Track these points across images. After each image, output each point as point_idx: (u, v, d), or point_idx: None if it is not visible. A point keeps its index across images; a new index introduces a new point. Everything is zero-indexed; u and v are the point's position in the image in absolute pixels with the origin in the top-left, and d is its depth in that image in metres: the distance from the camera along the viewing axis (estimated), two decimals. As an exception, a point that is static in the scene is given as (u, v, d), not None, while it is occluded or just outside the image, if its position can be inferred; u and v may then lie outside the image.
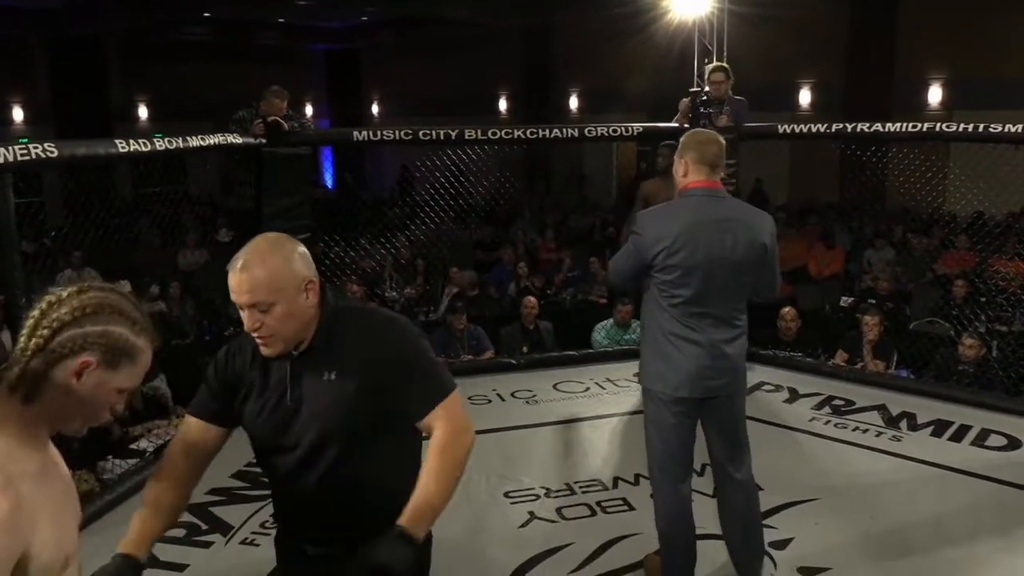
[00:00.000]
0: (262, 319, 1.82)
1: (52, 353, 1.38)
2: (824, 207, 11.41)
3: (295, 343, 1.88)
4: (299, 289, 1.84)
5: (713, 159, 3.08)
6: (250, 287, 1.80)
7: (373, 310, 2.06)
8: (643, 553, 3.48)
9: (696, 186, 3.09)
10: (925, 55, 11.65)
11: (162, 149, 4.40)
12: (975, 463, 4.50)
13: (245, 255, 1.83)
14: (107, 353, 1.41)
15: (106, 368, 1.42)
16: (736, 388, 3.16)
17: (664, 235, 3.03)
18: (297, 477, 1.92)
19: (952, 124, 5.60)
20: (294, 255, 1.86)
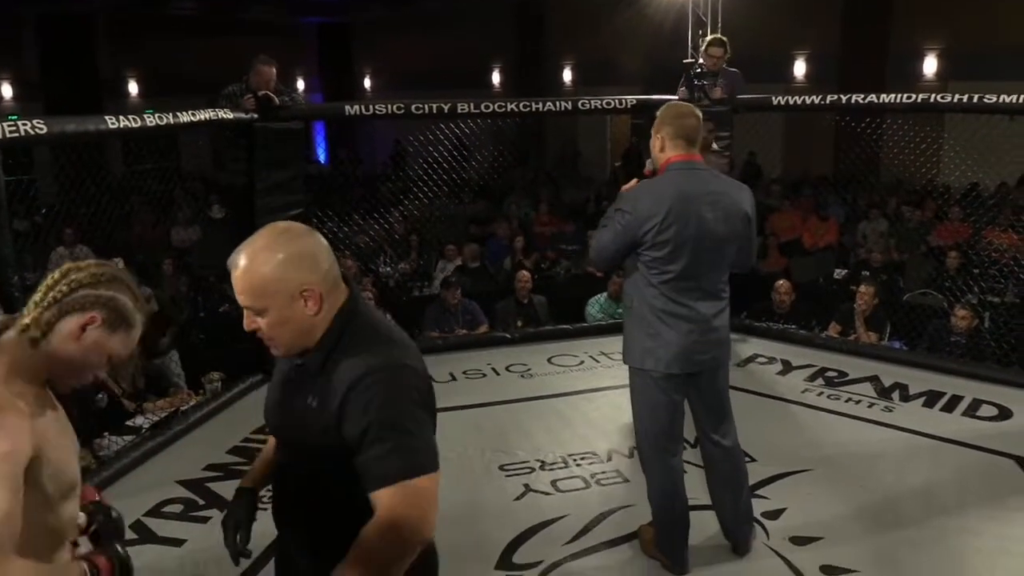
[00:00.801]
0: (257, 322, 1.69)
1: (65, 305, 1.59)
2: (818, 179, 11.39)
3: (299, 349, 1.72)
4: (292, 297, 1.65)
5: (690, 133, 3.08)
6: (241, 288, 1.67)
7: (387, 348, 1.70)
8: (637, 524, 3.51)
9: (677, 160, 3.08)
10: (920, 26, 11.57)
11: (152, 125, 4.37)
12: (967, 433, 4.53)
13: (244, 251, 1.67)
14: (111, 315, 1.62)
15: (107, 329, 1.62)
16: (722, 359, 3.20)
17: (655, 211, 3.02)
18: (281, 475, 1.88)
19: (947, 95, 5.59)
20: (294, 256, 1.65)
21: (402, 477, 1.60)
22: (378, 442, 1.61)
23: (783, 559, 3.34)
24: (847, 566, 3.28)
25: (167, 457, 4.41)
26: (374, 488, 1.61)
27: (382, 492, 1.61)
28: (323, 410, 1.67)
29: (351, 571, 1.59)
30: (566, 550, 3.43)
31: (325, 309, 1.69)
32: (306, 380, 1.73)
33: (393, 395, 1.64)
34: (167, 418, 4.77)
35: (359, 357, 1.66)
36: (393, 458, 1.61)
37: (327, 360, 1.69)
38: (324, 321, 1.69)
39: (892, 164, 8.04)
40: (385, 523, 1.59)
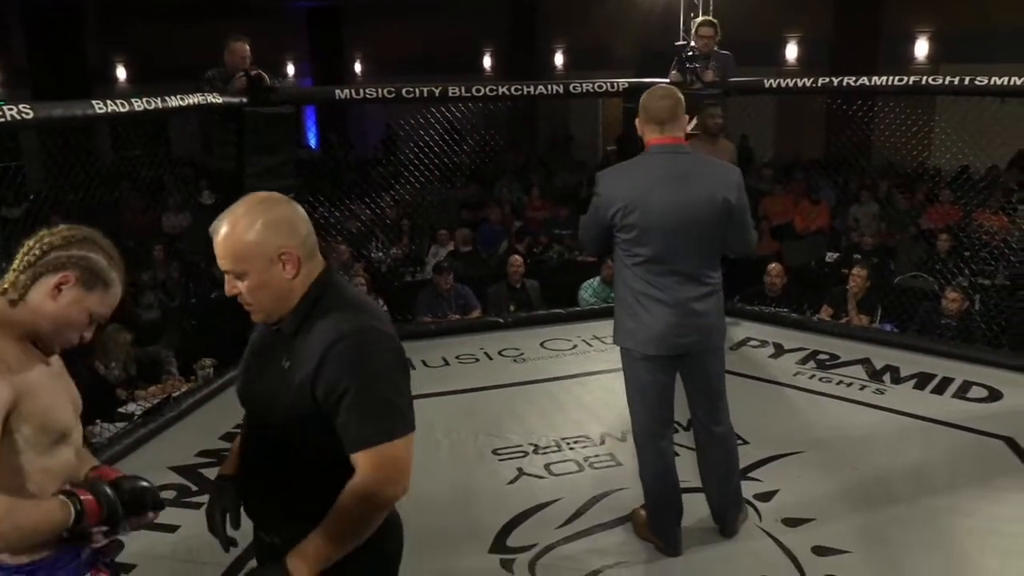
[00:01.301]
0: (239, 286, 1.74)
1: (39, 267, 1.66)
2: (809, 163, 11.39)
3: (278, 314, 1.77)
4: (271, 260, 1.71)
5: (661, 114, 3.06)
6: (223, 253, 1.73)
7: (359, 309, 1.76)
8: (630, 507, 3.53)
9: (654, 143, 3.09)
10: (912, 9, 11.55)
11: (141, 110, 4.33)
12: (957, 415, 4.56)
13: (224, 218, 1.74)
14: (85, 273, 1.68)
15: (82, 287, 1.68)
16: (709, 345, 3.16)
17: (619, 195, 3.04)
18: (249, 442, 1.89)
19: (938, 78, 5.58)
20: (276, 220, 1.72)
21: (379, 441, 1.68)
22: (356, 405, 1.67)
23: (775, 540, 3.37)
24: (838, 547, 3.30)
25: (159, 443, 4.41)
26: (357, 448, 1.70)
27: (360, 455, 1.69)
28: (297, 371, 1.72)
29: (330, 527, 1.68)
30: (559, 533, 3.44)
31: (303, 274, 1.75)
32: (280, 344, 1.79)
33: (368, 358, 1.70)
34: (159, 405, 4.76)
35: (334, 321, 1.72)
36: (371, 422, 1.68)
37: (302, 324, 1.75)
38: (301, 286, 1.76)
39: (884, 147, 8.03)
40: (363, 485, 1.68)
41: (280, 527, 1.84)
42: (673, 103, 3.08)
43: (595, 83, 6.24)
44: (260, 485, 1.86)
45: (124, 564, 3.30)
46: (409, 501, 1.81)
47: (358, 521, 1.71)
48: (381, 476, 1.69)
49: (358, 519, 1.71)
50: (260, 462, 1.85)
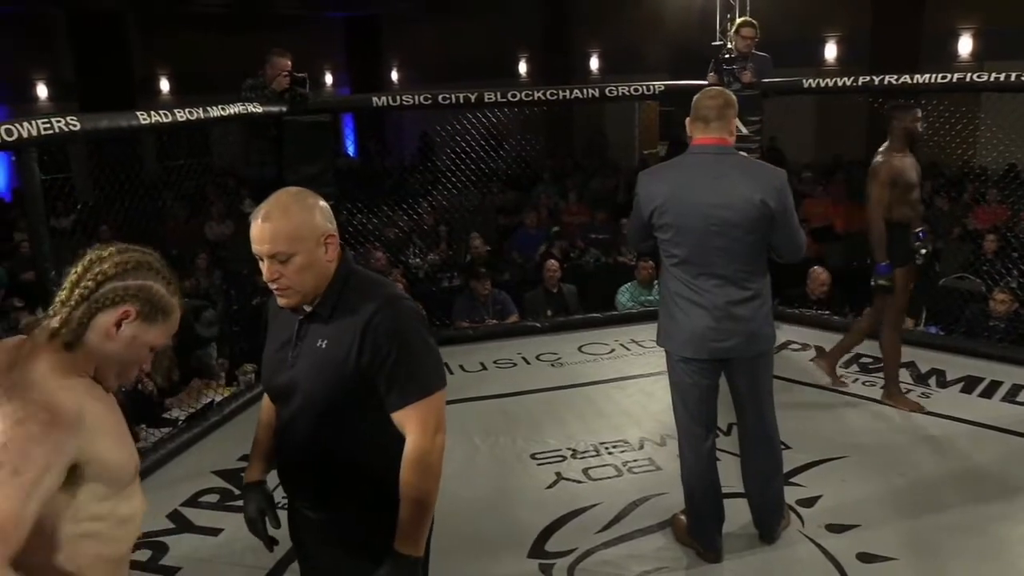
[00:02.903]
0: (281, 270, 1.83)
1: (95, 303, 1.49)
2: (851, 164, 11.23)
3: (311, 297, 1.89)
4: (318, 242, 1.85)
5: (705, 113, 3.04)
6: (271, 237, 1.82)
7: (384, 287, 1.94)
8: (670, 513, 3.50)
9: (697, 143, 3.07)
10: (954, 5, 11.36)
11: (183, 120, 4.42)
12: (1006, 419, 4.46)
13: (267, 206, 1.85)
14: (145, 306, 1.53)
15: (143, 321, 1.53)
16: (754, 350, 3.10)
17: (655, 194, 3.04)
18: (286, 434, 1.97)
19: (982, 74, 5.47)
20: (316, 208, 1.86)
21: (426, 394, 1.86)
22: (398, 368, 1.83)
23: (818, 546, 3.31)
24: (885, 553, 3.24)
25: (202, 448, 4.47)
26: (400, 405, 1.85)
27: (408, 410, 1.85)
28: (337, 348, 1.85)
29: (409, 495, 1.82)
30: (599, 538, 3.42)
31: (336, 259, 1.89)
32: (314, 327, 1.90)
33: (404, 325, 1.86)
34: (203, 410, 4.83)
35: (366, 297, 1.87)
36: (414, 379, 1.85)
37: (336, 305, 1.88)
38: (332, 271, 1.89)
39: (926, 146, 7.89)
40: (418, 444, 1.84)
41: (325, 503, 1.96)
42: (721, 103, 3.05)
43: (631, 86, 6.22)
44: (305, 467, 1.95)
45: (169, 567, 3.37)
46: (448, 505, 1.84)
47: (429, 479, 1.85)
48: (430, 429, 1.85)
49: (427, 478, 1.84)
50: (302, 445, 1.93)
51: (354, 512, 1.93)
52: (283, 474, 2.03)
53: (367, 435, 1.89)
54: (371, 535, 1.88)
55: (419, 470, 1.84)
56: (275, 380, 1.99)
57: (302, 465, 1.96)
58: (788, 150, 11.15)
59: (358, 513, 1.92)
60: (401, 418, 1.86)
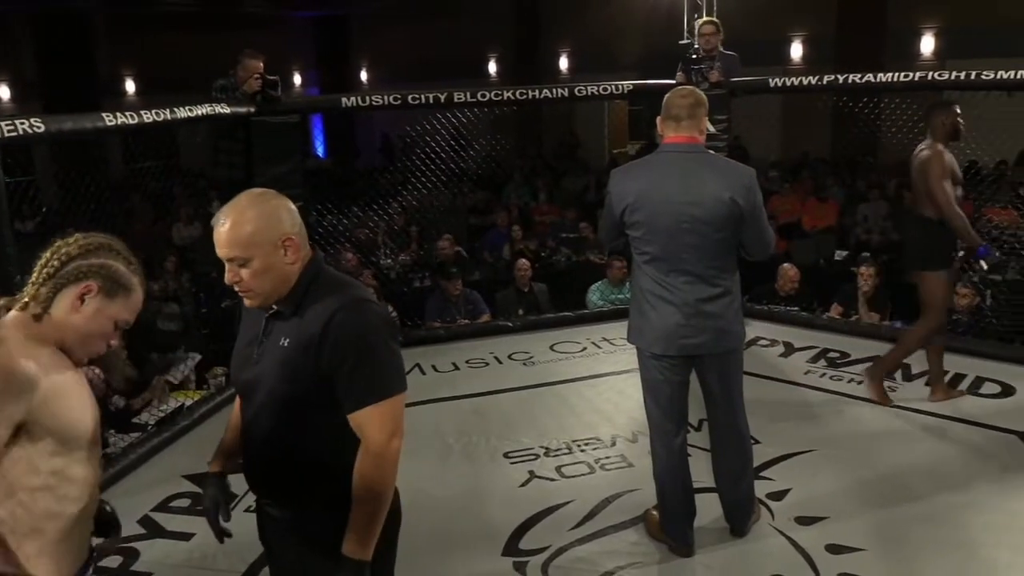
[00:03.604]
0: (239, 273, 1.86)
1: (60, 279, 1.66)
2: (816, 161, 11.37)
3: (275, 298, 1.91)
4: (276, 246, 1.85)
5: (676, 112, 3.07)
6: (228, 241, 1.84)
7: (350, 288, 1.94)
8: (642, 509, 3.53)
9: (668, 142, 3.11)
10: (917, 4, 11.53)
11: (150, 121, 4.37)
12: (970, 411, 4.55)
13: (227, 209, 1.87)
14: (106, 282, 1.68)
15: (105, 296, 1.68)
16: (723, 347, 3.13)
17: (627, 192, 3.08)
18: (249, 432, 1.99)
19: (944, 72, 5.57)
20: (275, 210, 1.87)
21: (383, 397, 1.85)
22: (358, 368, 1.83)
23: (788, 539, 3.36)
24: (853, 545, 3.29)
25: (173, 452, 4.44)
26: (356, 407, 1.84)
27: (364, 412, 1.84)
28: (298, 347, 1.86)
29: (361, 497, 1.83)
30: (572, 535, 3.44)
31: (299, 260, 1.90)
32: (279, 325, 1.92)
33: (365, 327, 1.86)
34: (172, 414, 4.79)
35: (330, 298, 1.88)
36: (373, 382, 1.85)
37: (300, 304, 1.89)
38: (296, 272, 1.90)
39: (891, 145, 7.99)
40: (374, 446, 1.84)
41: (288, 501, 1.97)
42: (692, 102, 3.08)
43: (599, 86, 6.26)
44: (268, 464, 1.97)
45: (140, 573, 3.34)
46: (422, 504, 1.85)
47: (381, 481, 1.85)
48: (386, 432, 1.85)
49: (380, 480, 1.85)
50: (266, 442, 1.94)
51: (316, 510, 1.93)
52: (248, 471, 2.04)
53: (328, 433, 1.89)
54: (335, 534, 1.88)
55: (372, 474, 1.84)
56: (241, 376, 2.01)
57: (265, 462, 1.97)
58: (755, 148, 11.27)
59: (320, 511, 1.92)
60: (357, 420, 1.85)
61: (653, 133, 3.28)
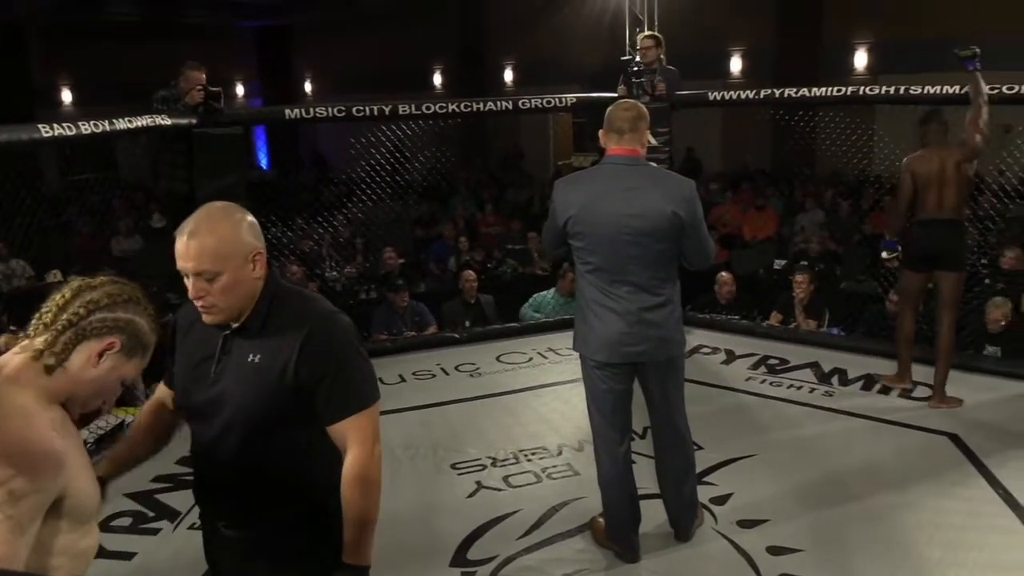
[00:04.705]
0: (207, 288, 1.80)
1: (83, 330, 1.51)
2: (756, 173, 11.62)
3: (237, 314, 1.86)
4: (246, 259, 1.82)
5: (619, 125, 3.13)
6: (196, 254, 1.77)
7: (316, 301, 1.95)
8: (589, 516, 3.57)
9: (611, 154, 3.16)
10: (851, 20, 11.87)
11: (87, 132, 4.29)
12: (903, 414, 4.70)
13: (194, 221, 1.80)
14: (131, 340, 1.56)
15: (124, 355, 1.56)
16: (665, 354, 3.20)
17: (570, 203, 3.12)
18: (210, 452, 1.92)
19: (875, 87, 5.76)
20: (244, 224, 1.84)
21: (364, 407, 1.87)
22: (338, 381, 1.84)
23: (731, 542, 3.43)
24: (793, 546, 3.37)
25: (114, 470, 4.34)
26: (339, 418, 1.85)
27: (347, 423, 1.85)
28: (273, 361, 1.83)
29: (353, 509, 1.84)
30: (520, 544, 3.46)
31: (263, 276, 1.87)
32: (242, 342, 1.87)
33: (340, 339, 1.87)
34: (112, 431, 4.69)
35: (299, 312, 1.87)
36: (353, 392, 1.86)
37: (267, 318, 1.86)
38: (259, 288, 1.87)
39: (827, 156, 8.23)
40: (360, 456, 1.85)
41: (249, 520, 1.92)
42: (634, 115, 3.14)
43: (543, 99, 6.32)
44: (233, 484, 1.91)
45: (80, 593, 3.26)
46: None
47: (371, 493, 1.87)
48: (368, 441, 1.87)
49: (370, 491, 1.86)
50: (229, 462, 1.89)
51: (281, 531, 1.90)
52: (204, 493, 1.99)
53: (297, 451, 1.88)
54: (296, 551, 1.88)
55: (362, 485, 1.85)
56: (195, 397, 1.92)
57: (228, 483, 1.91)
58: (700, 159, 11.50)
59: (285, 532, 1.90)
60: (340, 431, 1.86)
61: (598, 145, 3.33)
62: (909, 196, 4.68)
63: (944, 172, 4.60)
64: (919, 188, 4.65)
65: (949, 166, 4.60)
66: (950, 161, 4.60)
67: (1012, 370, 5.21)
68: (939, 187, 4.62)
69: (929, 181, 4.62)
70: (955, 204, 4.65)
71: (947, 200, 4.62)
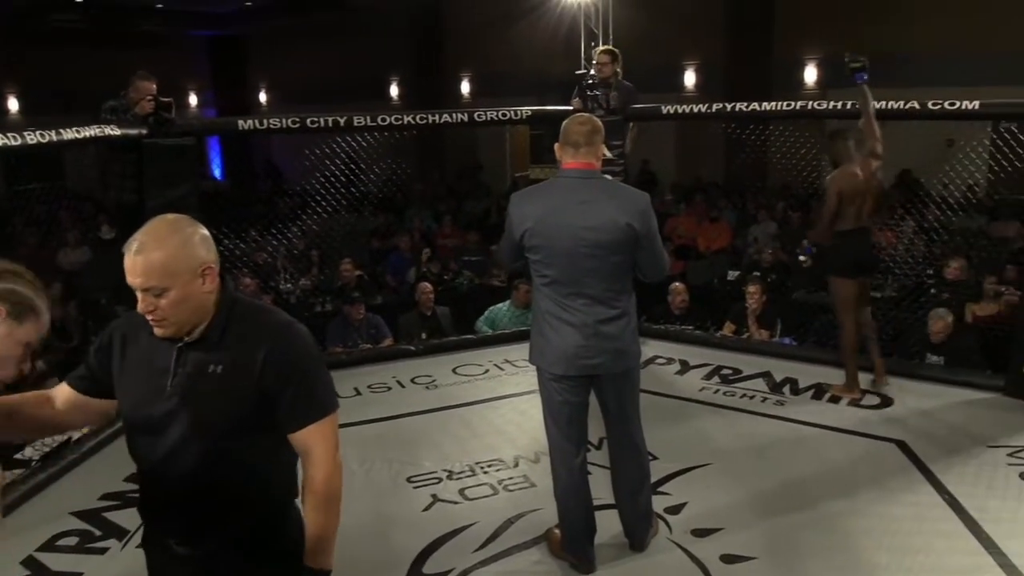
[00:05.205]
0: (155, 303, 1.78)
1: None
2: (709, 185, 11.78)
3: (189, 327, 1.84)
4: (195, 274, 1.80)
5: (575, 139, 3.15)
6: (144, 270, 1.76)
7: (273, 311, 1.97)
8: (545, 527, 3.57)
9: (566, 168, 3.19)
10: (801, 36, 12.11)
11: (33, 142, 4.20)
12: (852, 422, 4.79)
13: (142, 236, 1.78)
14: (14, 307, 1.66)
15: (13, 320, 1.66)
16: (620, 367, 3.22)
17: (526, 216, 3.14)
18: (163, 467, 1.88)
19: (823, 102, 5.88)
20: (193, 238, 1.82)
21: (325, 414, 1.89)
22: (302, 389, 1.86)
23: (685, 551, 3.46)
24: (745, 553, 3.42)
25: (60, 488, 4.24)
26: (300, 426, 1.87)
27: (309, 430, 1.87)
28: (235, 373, 1.83)
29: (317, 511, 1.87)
30: (476, 557, 3.45)
31: (216, 289, 1.86)
32: (203, 351, 1.86)
33: (302, 348, 1.89)
34: (58, 448, 4.58)
35: (259, 323, 1.88)
36: (314, 399, 1.88)
37: (225, 329, 1.86)
38: (213, 300, 1.86)
39: (778, 169, 8.37)
40: (322, 462, 1.88)
41: (202, 536, 1.89)
42: (590, 129, 3.16)
43: (499, 111, 6.34)
44: (184, 499, 1.87)
45: (24, 614, 3.18)
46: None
47: (334, 500, 1.89)
48: (331, 448, 1.89)
49: (333, 499, 1.89)
50: (185, 476, 1.85)
51: (236, 547, 1.88)
52: (154, 510, 1.95)
53: (255, 460, 1.88)
54: (254, 563, 1.86)
55: (325, 492, 1.88)
56: (146, 411, 1.87)
57: (183, 497, 1.87)
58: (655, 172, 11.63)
59: (239, 548, 1.88)
60: (302, 438, 1.87)
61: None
62: (835, 210, 4.89)
63: (866, 185, 4.89)
64: (844, 202, 4.88)
65: (868, 179, 4.90)
66: (867, 173, 4.90)
67: (955, 377, 5.35)
68: (861, 199, 4.90)
69: (854, 195, 4.88)
70: (871, 213, 5.02)
71: (866, 210, 4.94)
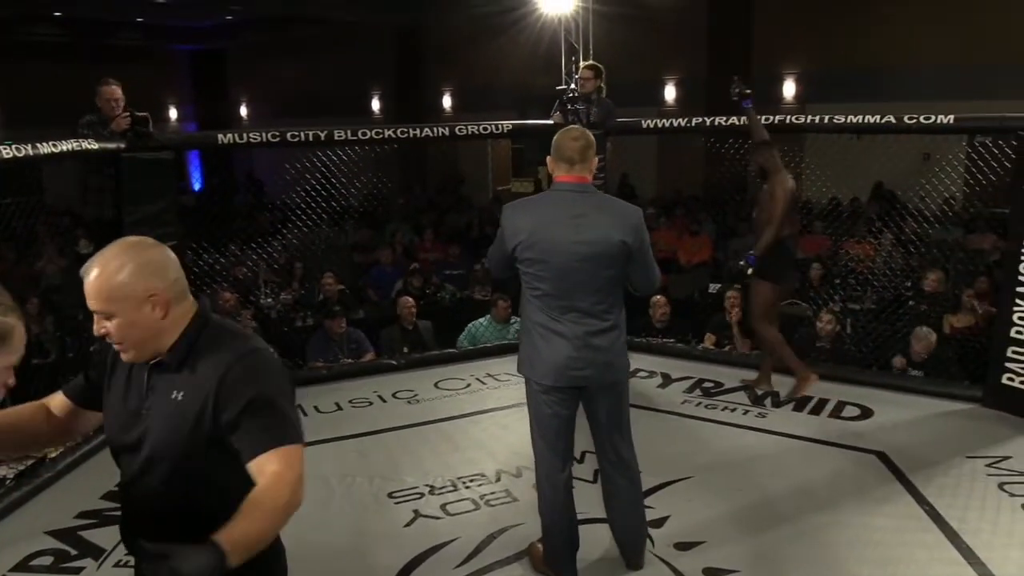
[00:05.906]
0: (107, 326, 1.79)
1: None
2: (689, 198, 11.85)
3: (151, 352, 1.83)
4: (140, 301, 1.77)
5: (568, 154, 3.15)
6: (92, 294, 1.77)
7: (245, 339, 1.90)
8: (527, 542, 3.56)
9: (560, 181, 3.19)
10: (779, 51, 12.24)
11: (9, 157, 4.16)
12: (833, 433, 4.81)
13: (96, 258, 1.79)
14: None
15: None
16: (610, 379, 3.22)
17: (520, 229, 3.13)
18: (134, 484, 1.89)
19: (801, 116, 5.94)
20: (142, 265, 1.78)
21: (284, 444, 1.76)
22: (258, 416, 1.76)
23: (668, 565, 3.45)
24: (728, 567, 3.41)
25: (35, 507, 4.17)
26: (256, 453, 1.74)
27: (265, 456, 1.74)
28: (193, 399, 1.79)
29: (241, 523, 1.65)
30: (458, 573, 3.43)
31: (174, 315, 1.82)
32: (165, 378, 1.84)
33: (263, 376, 1.81)
34: (33, 466, 4.51)
35: (224, 349, 1.82)
36: (274, 429, 1.77)
37: (187, 357, 1.82)
38: (174, 326, 1.83)
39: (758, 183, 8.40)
40: (274, 481, 1.72)
41: None
42: (584, 144, 3.16)
43: (480, 125, 6.35)
44: (152, 523, 1.87)
45: (-4, 637, 3.12)
46: (304, 551, 1.81)
47: (269, 514, 1.69)
48: (286, 474, 1.72)
49: (269, 513, 1.69)
50: (151, 500, 1.85)
51: None
52: (127, 530, 1.95)
53: (216, 489, 1.83)
54: None
55: (271, 503, 1.70)
56: (124, 434, 1.88)
57: (149, 520, 1.87)
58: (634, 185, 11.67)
59: None
60: (257, 465, 1.76)
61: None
62: (782, 216, 5.00)
63: (797, 192, 5.13)
64: (788, 208, 5.02)
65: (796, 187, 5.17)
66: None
67: (934, 388, 5.39)
68: (794, 206, 5.15)
69: (794, 201, 5.10)
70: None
71: (794, 217, 5.18)
